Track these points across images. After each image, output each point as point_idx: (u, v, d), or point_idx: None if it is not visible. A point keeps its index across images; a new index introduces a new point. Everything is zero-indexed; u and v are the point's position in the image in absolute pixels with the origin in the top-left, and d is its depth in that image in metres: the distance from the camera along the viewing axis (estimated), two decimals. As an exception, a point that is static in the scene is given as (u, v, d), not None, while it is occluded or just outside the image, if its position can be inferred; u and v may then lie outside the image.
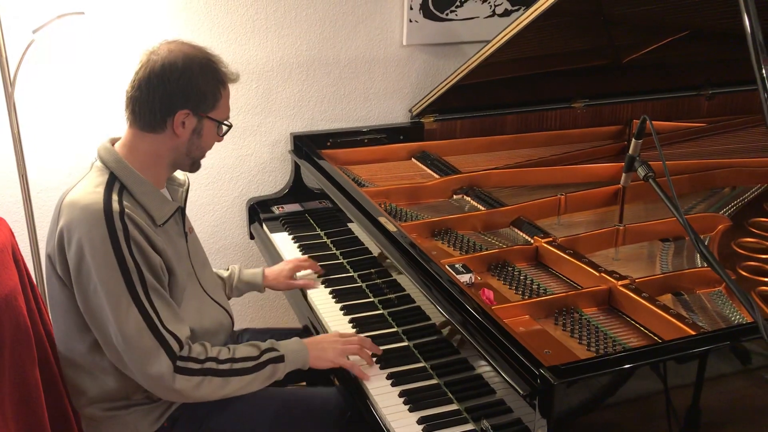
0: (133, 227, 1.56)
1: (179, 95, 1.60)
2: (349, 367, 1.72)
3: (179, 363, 1.57)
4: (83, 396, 1.71)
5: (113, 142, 1.70)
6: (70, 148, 2.53)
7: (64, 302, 1.65)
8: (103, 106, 2.51)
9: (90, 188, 1.60)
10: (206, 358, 1.61)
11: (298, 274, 2.15)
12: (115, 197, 1.58)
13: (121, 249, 1.54)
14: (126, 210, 1.57)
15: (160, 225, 1.65)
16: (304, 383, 2.14)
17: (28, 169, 2.37)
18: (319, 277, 2.16)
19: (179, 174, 1.82)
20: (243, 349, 1.67)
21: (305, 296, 2.11)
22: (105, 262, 1.53)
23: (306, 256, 2.24)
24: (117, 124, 2.17)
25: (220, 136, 1.73)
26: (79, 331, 1.65)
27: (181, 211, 1.77)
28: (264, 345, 1.70)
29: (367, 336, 1.84)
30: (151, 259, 1.59)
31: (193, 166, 1.75)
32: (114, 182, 1.61)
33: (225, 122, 1.71)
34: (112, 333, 1.56)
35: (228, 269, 2.10)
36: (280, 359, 1.69)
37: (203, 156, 1.74)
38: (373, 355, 1.77)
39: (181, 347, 1.59)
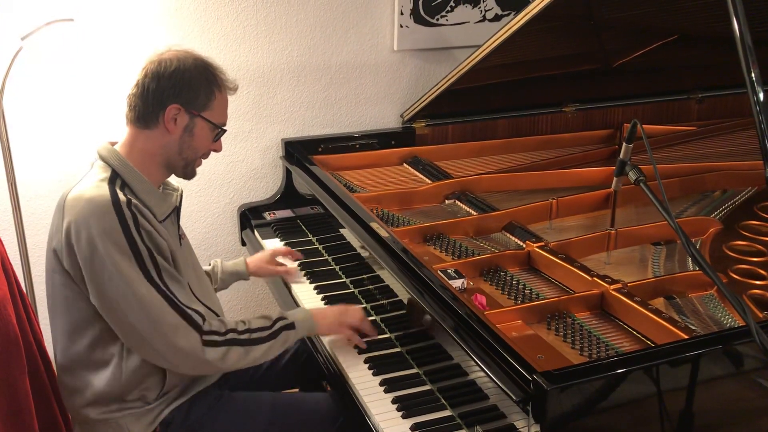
0: (141, 216, 1.61)
1: (170, 89, 1.65)
2: (349, 336, 1.83)
3: (205, 337, 1.62)
4: (78, 397, 1.71)
5: (112, 144, 1.73)
6: (59, 155, 2.52)
7: (68, 298, 1.66)
8: (93, 112, 2.50)
9: (93, 183, 1.63)
10: (227, 330, 1.66)
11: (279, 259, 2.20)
12: (119, 190, 1.62)
13: (133, 236, 1.58)
14: (132, 200, 1.61)
15: (161, 221, 1.68)
16: (297, 389, 2.14)
17: (17, 177, 2.35)
18: (311, 282, 2.15)
19: (173, 180, 1.83)
20: (256, 321, 1.73)
21: (297, 304, 2.10)
22: (119, 250, 1.56)
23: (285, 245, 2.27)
24: (107, 130, 2.16)
25: (214, 142, 1.75)
26: (83, 327, 1.66)
27: (177, 213, 1.80)
28: (275, 315, 1.76)
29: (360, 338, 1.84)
30: (160, 245, 1.63)
31: (186, 170, 1.76)
32: (116, 178, 1.65)
33: (219, 125, 1.73)
34: (133, 317, 1.58)
35: (210, 264, 2.12)
36: (292, 326, 1.76)
37: (196, 159, 1.76)
38: (367, 358, 1.77)
39: (204, 321, 1.64)
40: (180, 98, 1.65)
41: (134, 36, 2.46)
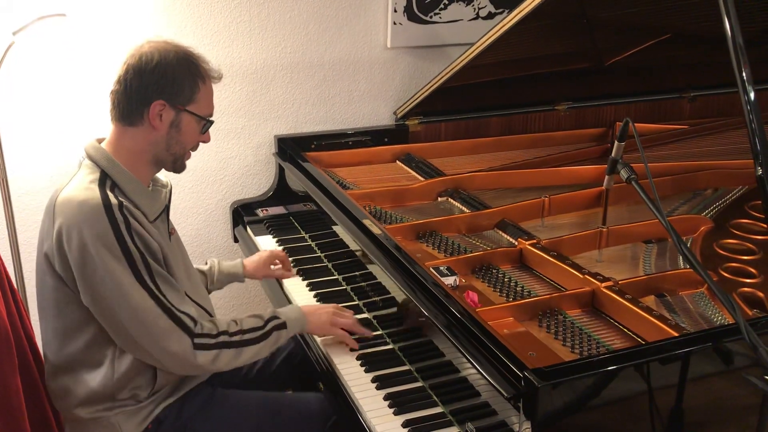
0: (133, 218, 1.59)
1: (153, 85, 1.62)
2: (341, 336, 1.82)
3: (196, 340, 1.62)
4: (70, 398, 1.70)
5: (99, 141, 1.70)
6: (52, 151, 2.51)
7: (59, 302, 1.64)
8: (85, 108, 2.49)
9: (83, 185, 1.61)
10: (218, 333, 1.66)
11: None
12: (110, 192, 1.60)
13: (125, 240, 1.56)
14: (124, 203, 1.59)
15: (152, 221, 1.67)
16: (290, 390, 2.13)
17: (8, 173, 2.34)
18: (303, 279, 2.15)
19: (161, 176, 1.82)
20: (248, 321, 1.73)
21: (289, 300, 2.10)
22: (111, 254, 1.55)
23: (282, 248, 2.24)
24: (99, 126, 2.16)
25: (202, 134, 1.73)
26: (76, 330, 1.65)
27: (166, 211, 1.78)
28: (267, 315, 1.76)
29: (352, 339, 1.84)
30: (152, 247, 1.62)
31: (176, 165, 1.74)
32: (106, 179, 1.63)
33: (205, 117, 1.71)
34: (125, 321, 1.58)
35: (207, 263, 2.11)
36: (283, 326, 1.75)
37: (185, 153, 1.74)
38: (359, 355, 1.77)
39: (195, 324, 1.63)
40: (164, 94, 1.62)
41: (127, 31, 2.45)
